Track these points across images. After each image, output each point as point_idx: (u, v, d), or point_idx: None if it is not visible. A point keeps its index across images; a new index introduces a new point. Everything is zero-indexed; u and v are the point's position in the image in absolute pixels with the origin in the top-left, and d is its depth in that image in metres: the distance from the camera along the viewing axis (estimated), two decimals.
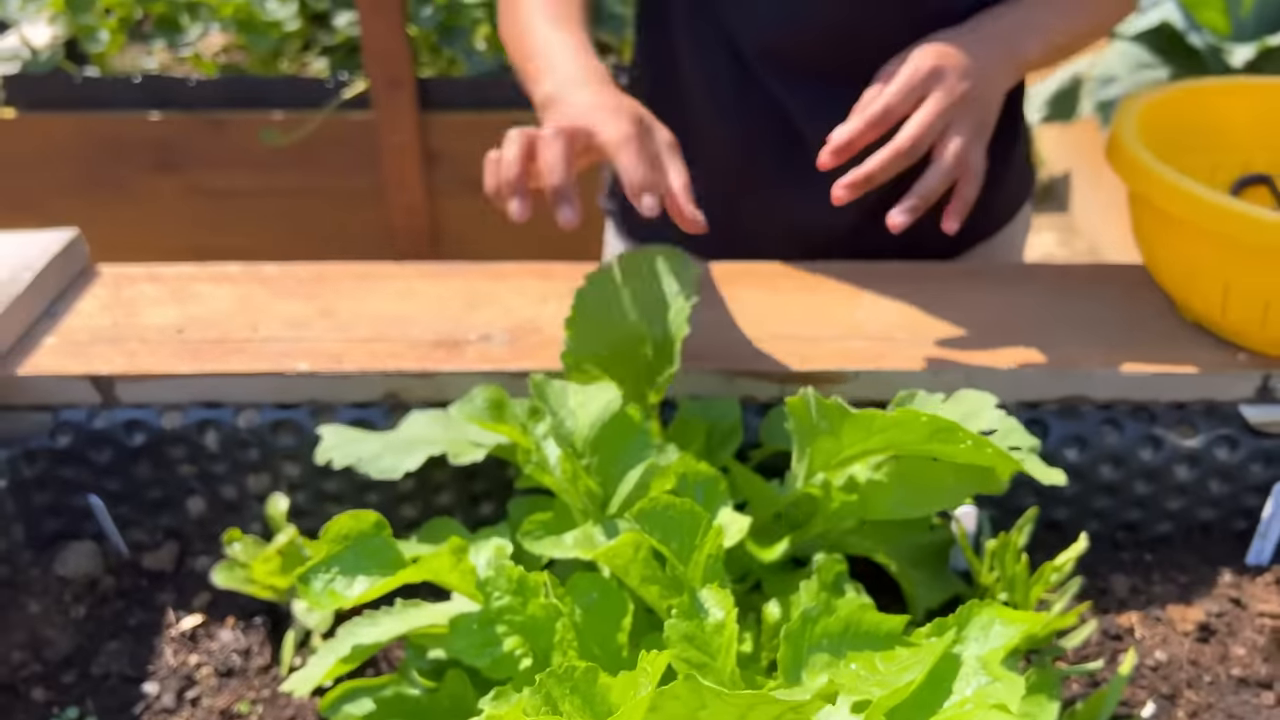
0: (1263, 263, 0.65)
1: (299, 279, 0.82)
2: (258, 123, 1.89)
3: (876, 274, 0.81)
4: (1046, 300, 0.77)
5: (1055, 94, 2.14)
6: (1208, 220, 0.65)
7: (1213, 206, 0.65)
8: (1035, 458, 0.54)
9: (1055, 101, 2.13)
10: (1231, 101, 0.83)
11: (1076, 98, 2.10)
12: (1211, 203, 0.65)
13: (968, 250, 0.93)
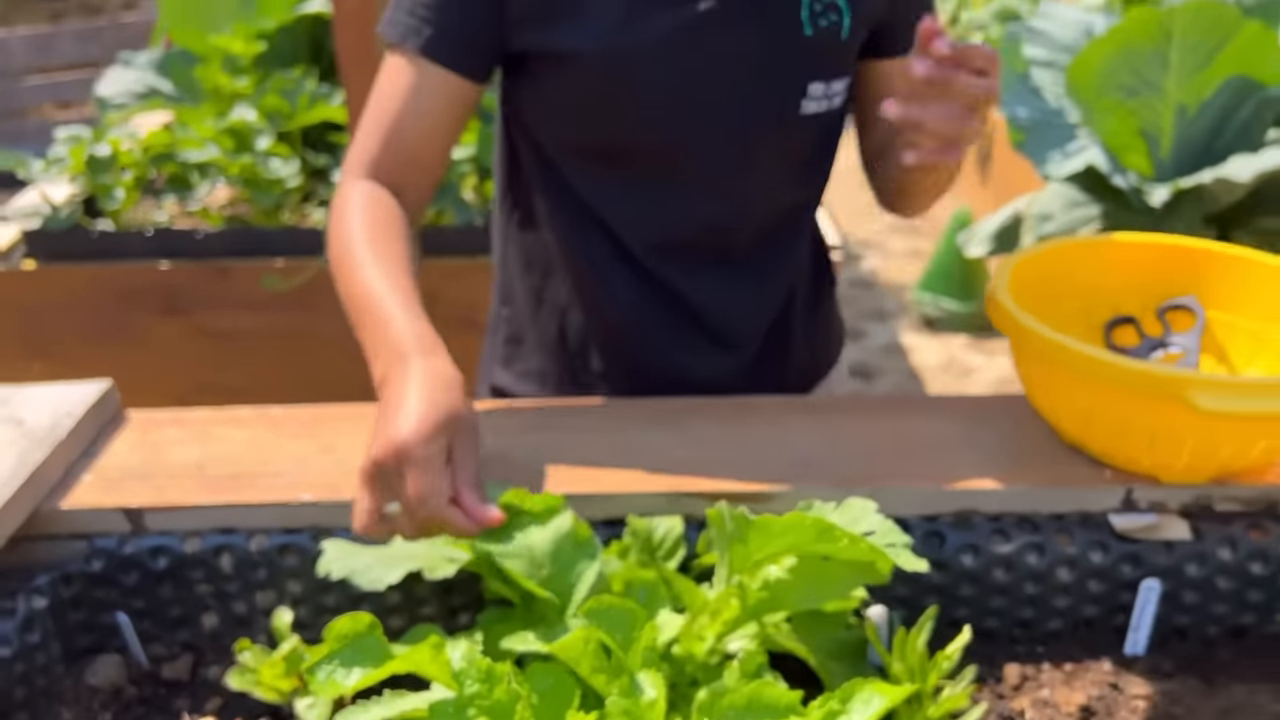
0: (1114, 395, 0.79)
1: (302, 421, 0.95)
2: (260, 269, 2.05)
3: (794, 406, 0.94)
4: (945, 427, 0.90)
5: (998, 230, 2.32)
6: (1066, 361, 0.79)
7: (1068, 350, 0.78)
8: (905, 551, 0.65)
9: (998, 237, 2.31)
10: (1100, 254, 0.98)
11: (1018, 233, 2.29)
12: (1067, 347, 0.78)
13: (811, 389, 1.11)
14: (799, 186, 1.01)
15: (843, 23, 0.91)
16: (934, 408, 0.95)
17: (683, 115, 0.91)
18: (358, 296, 0.84)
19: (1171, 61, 2.00)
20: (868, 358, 3.01)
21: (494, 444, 0.87)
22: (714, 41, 0.88)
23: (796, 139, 0.95)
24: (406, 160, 0.92)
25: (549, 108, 0.94)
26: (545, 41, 0.89)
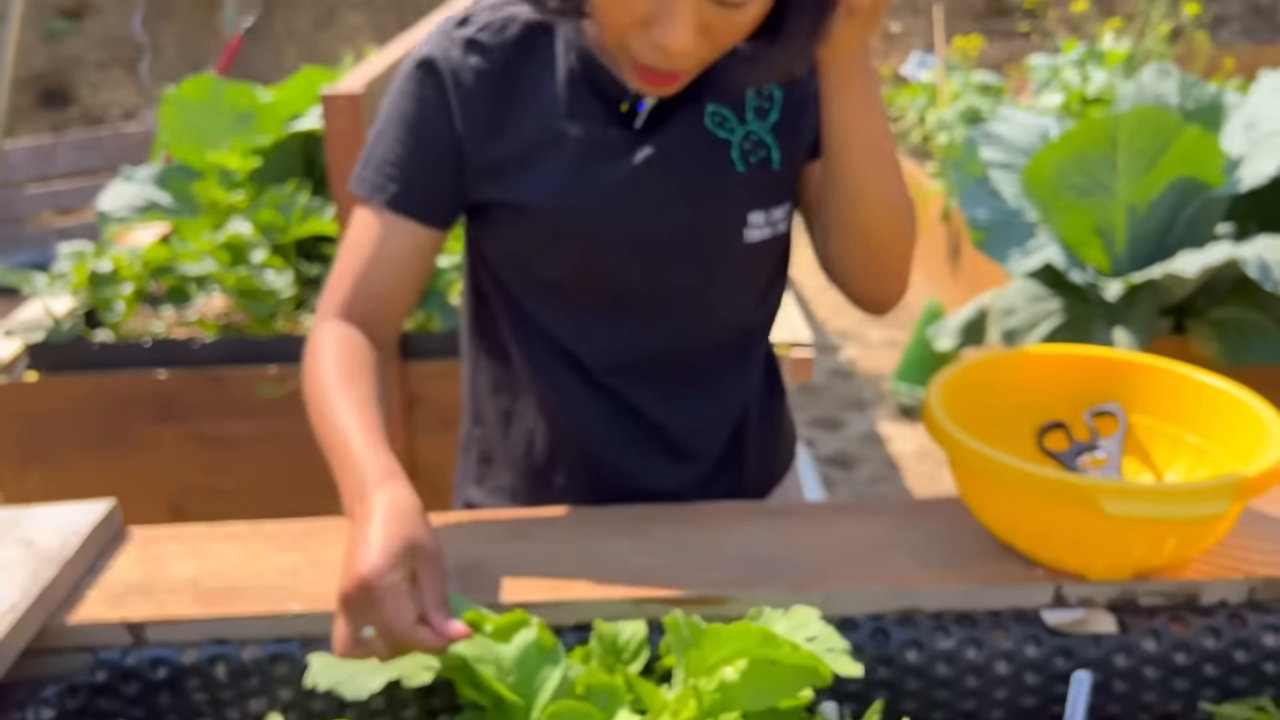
0: (1036, 501, 0.86)
1: (293, 534, 1.01)
2: (254, 376, 2.13)
3: (750, 511, 1.02)
4: (888, 529, 0.97)
5: (965, 324, 2.42)
6: (992, 471, 0.86)
7: (992, 461, 0.86)
8: (844, 657, 0.72)
9: (965, 330, 2.41)
10: (1031, 364, 1.06)
11: (984, 327, 2.38)
12: (991, 459, 0.86)
13: (768, 493, 1.18)
14: (751, 309, 1.09)
15: (772, 156, 0.99)
16: (878, 510, 1.02)
17: (630, 256, 0.99)
18: (327, 435, 0.91)
19: (1119, 165, 2.13)
20: (847, 447, 3.08)
21: (468, 554, 0.94)
22: (654, 187, 0.97)
23: (743, 266, 1.03)
24: (377, 303, 0.99)
25: (508, 250, 1.02)
26: (501, 193, 0.97)
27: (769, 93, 1.00)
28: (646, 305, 1.03)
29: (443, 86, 0.95)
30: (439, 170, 0.97)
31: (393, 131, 0.98)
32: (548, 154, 0.96)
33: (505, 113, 0.97)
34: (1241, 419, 0.93)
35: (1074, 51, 3.04)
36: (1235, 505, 0.82)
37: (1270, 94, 2.22)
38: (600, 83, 0.97)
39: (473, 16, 0.97)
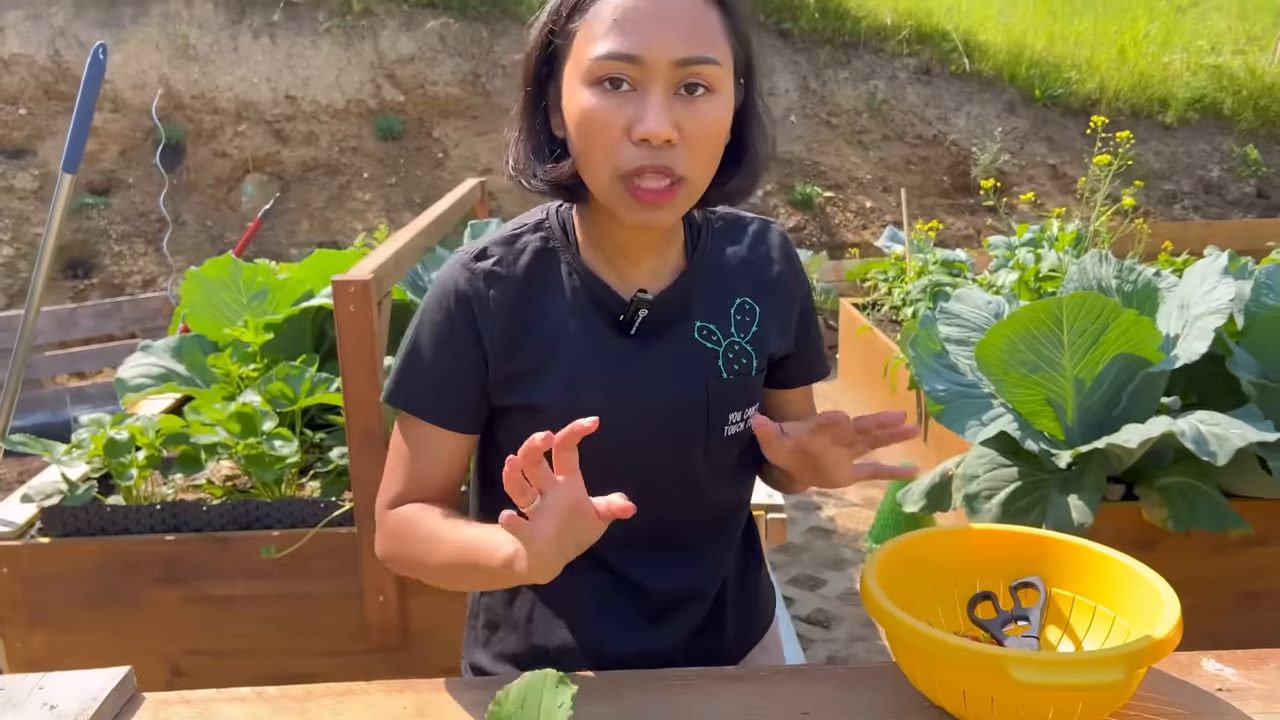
0: (954, 668, 0.98)
1: (293, 697, 1.12)
2: (258, 539, 2.24)
3: (720, 676, 1.13)
4: (836, 693, 1.08)
5: (930, 488, 2.55)
6: (917, 641, 0.98)
7: (916, 633, 0.98)
8: None
9: (931, 494, 2.54)
10: (962, 541, 1.19)
11: (948, 492, 2.51)
12: (916, 630, 0.98)
13: (747, 653, 1.30)
14: (729, 489, 1.23)
15: (752, 365, 1.16)
16: (829, 676, 1.13)
17: (626, 446, 1.13)
18: (450, 553, 1.05)
19: (1065, 343, 2.31)
20: (826, 605, 3.16)
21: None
22: (648, 390, 1.13)
23: (722, 455, 1.18)
24: (423, 497, 1.13)
25: (517, 440, 1.16)
26: (518, 398, 1.12)
27: (751, 308, 1.18)
28: (638, 489, 1.16)
29: (469, 314, 1.09)
30: (468, 386, 1.11)
31: (426, 353, 1.11)
32: (557, 361, 1.11)
33: (520, 331, 1.11)
34: (1144, 592, 1.06)
35: (1026, 234, 3.30)
36: (1133, 673, 0.94)
37: (1199, 280, 2.43)
38: (600, 297, 1.13)
39: (488, 250, 1.12)
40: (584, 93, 0.99)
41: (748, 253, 1.20)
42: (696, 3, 0.99)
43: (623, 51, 0.96)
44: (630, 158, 0.98)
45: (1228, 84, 7.79)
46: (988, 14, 8.17)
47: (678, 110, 0.98)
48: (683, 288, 1.14)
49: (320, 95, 6.38)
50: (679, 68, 0.97)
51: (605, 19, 0.97)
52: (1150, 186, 7.10)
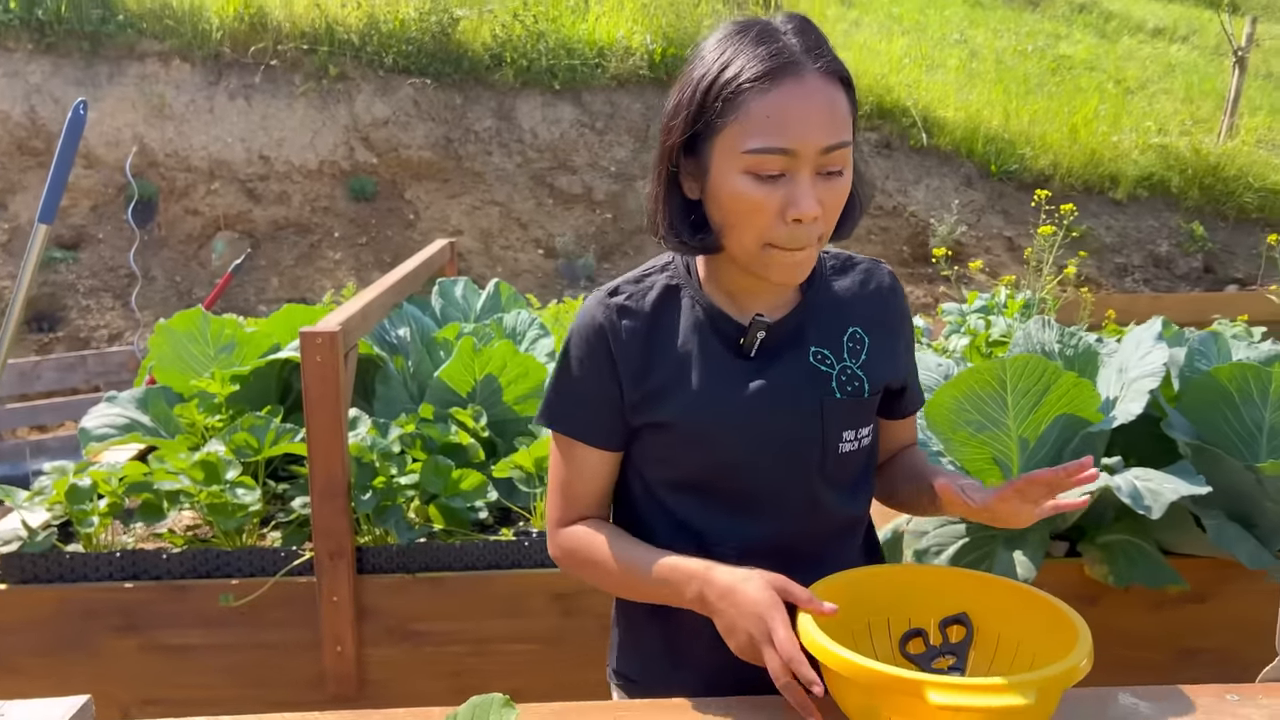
0: (880, 694, 1.03)
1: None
2: (217, 588, 2.26)
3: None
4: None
5: (883, 543, 2.61)
6: (846, 670, 1.04)
7: (844, 662, 1.04)
8: None
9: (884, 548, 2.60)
10: (897, 578, 1.26)
11: (898, 548, 2.58)
12: (844, 659, 1.04)
13: None
14: (846, 504, 1.31)
15: (864, 388, 1.27)
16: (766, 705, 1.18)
17: (746, 461, 1.24)
18: (636, 573, 1.23)
19: (1009, 403, 2.40)
20: None
21: None
22: (765, 408, 1.23)
23: (839, 471, 1.28)
24: (583, 509, 1.30)
25: (653, 456, 1.28)
26: (649, 417, 1.24)
27: (861, 337, 1.29)
28: (759, 501, 1.26)
29: (605, 345, 1.23)
30: (608, 407, 1.25)
31: (571, 380, 1.26)
32: (683, 383, 1.23)
33: (651, 357, 1.24)
34: (1062, 628, 1.13)
35: (977, 301, 3.42)
36: (1044, 698, 1.00)
37: (1135, 345, 2.54)
38: (720, 324, 1.25)
39: (620, 288, 1.27)
40: (739, 179, 1.12)
41: (859, 288, 1.32)
42: (831, 91, 1.12)
43: (779, 146, 1.09)
44: (781, 235, 1.13)
45: (1175, 163, 8.10)
46: (946, 92, 8.47)
47: (820, 190, 1.12)
48: (798, 318, 1.27)
49: (294, 156, 6.48)
50: (823, 154, 1.11)
51: (758, 116, 1.10)
52: (1103, 260, 7.34)
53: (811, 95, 1.10)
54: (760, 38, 1.13)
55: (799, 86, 1.09)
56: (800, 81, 1.10)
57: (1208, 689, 1.22)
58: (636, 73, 7.30)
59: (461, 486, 2.46)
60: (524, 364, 2.85)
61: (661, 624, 1.32)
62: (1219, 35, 9.42)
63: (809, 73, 1.11)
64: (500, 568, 2.36)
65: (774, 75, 1.10)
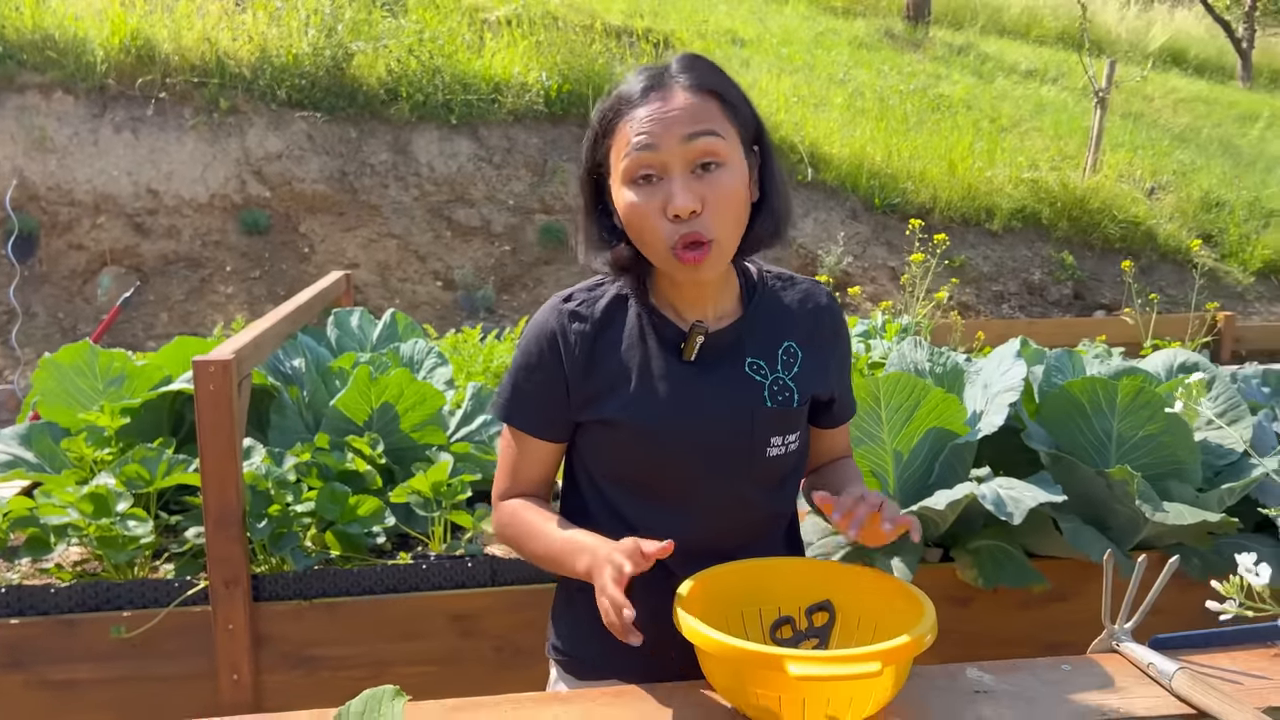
0: (745, 670, 1.13)
1: None
2: (108, 620, 2.24)
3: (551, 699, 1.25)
4: (654, 710, 1.22)
5: None
6: (716, 650, 1.13)
7: (713, 641, 1.13)
8: None
9: None
10: (764, 572, 1.36)
11: None
12: (713, 639, 1.13)
13: None
14: (772, 502, 1.42)
15: (793, 398, 1.37)
16: (651, 694, 1.26)
17: (682, 461, 1.33)
18: (545, 545, 1.34)
19: (884, 418, 2.55)
20: None
21: None
22: (702, 410, 1.33)
23: (765, 473, 1.38)
24: (524, 488, 1.43)
25: (597, 451, 1.38)
26: (594, 414, 1.34)
27: (795, 352, 1.40)
28: (690, 497, 1.35)
29: (555, 347, 1.34)
30: (553, 403, 1.36)
31: (521, 378, 1.37)
32: (625, 385, 1.33)
33: (596, 359, 1.34)
34: (912, 608, 1.24)
35: (859, 326, 3.60)
36: (890, 667, 1.11)
37: (999, 363, 2.73)
38: (663, 332, 1.35)
39: (574, 295, 1.39)
40: (626, 191, 1.25)
41: (797, 305, 1.43)
42: (694, 97, 1.23)
43: (641, 145, 1.21)
44: (670, 232, 1.23)
45: (1045, 196, 8.57)
46: (832, 129, 8.80)
47: (698, 187, 1.22)
48: (737, 329, 1.37)
49: (184, 189, 6.37)
50: (687, 143, 1.21)
51: (630, 130, 1.23)
52: (981, 288, 7.71)
53: (673, 101, 1.22)
54: (644, 71, 1.27)
55: (664, 101, 1.22)
56: (665, 94, 1.23)
57: (1045, 661, 1.36)
58: (533, 108, 7.40)
59: (359, 512, 2.49)
60: (421, 392, 2.89)
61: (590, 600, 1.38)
62: (1085, 77, 10.04)
63: (676, 87, 1.23)
64: (398, 591, 2.40)
65: (644, 92, 1.23)
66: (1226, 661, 1.35)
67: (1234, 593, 0.99)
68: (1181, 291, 7.83)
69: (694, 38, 10.26)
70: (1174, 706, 1.23)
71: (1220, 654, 1.38)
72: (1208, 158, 10.74)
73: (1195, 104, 13.07)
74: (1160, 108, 12.71)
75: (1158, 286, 7.96)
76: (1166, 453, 2.59)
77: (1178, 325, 4.76)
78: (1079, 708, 1.23)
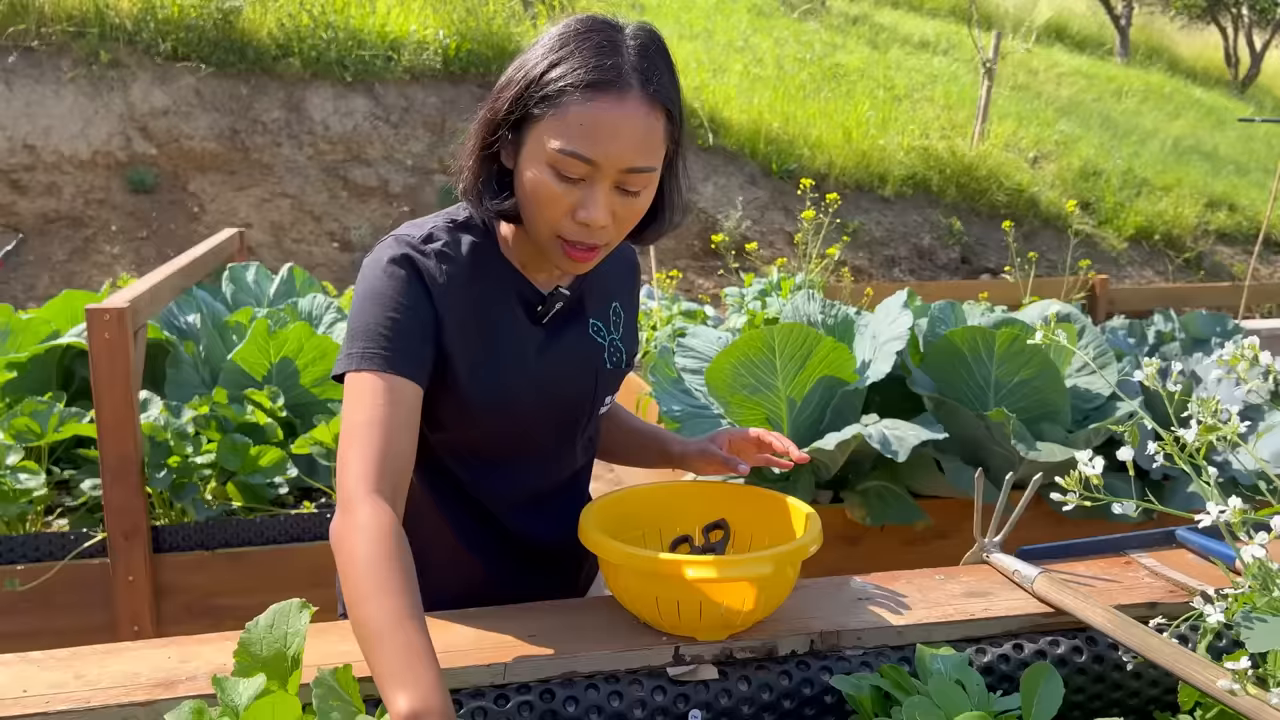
0: (647, 579, 1.20)
1: (58, 658, 1.19)
2: (3, 574, 2.19)
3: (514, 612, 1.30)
4: (564, 620, 1.28)
5: None
6: (621, 560, 1.20)
7: (618, 551, 1.20)
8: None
9: None
10: (662, 495, 1.43)
11: None
12: (618, 549, 1.20)
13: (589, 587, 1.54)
14: (587, 453, 1.47)
15: (623, 359, 1.42)
16: (562, 609, 1.33)
17: (530, 417, 1.33)
18: (366, 617, 0.98)
19: (778, 367, 2.65)
20: None
21: None
22: (553, 375, 1.34)
23: (593, 427, 1.44)
24: (399, 473, 1.13)
25: (439, 417, 1.28)
26: (452, 365, 1.25)
27: (619, 311, 1.43)
28: (528, 454, 1.37)
29: (420, 278, 1.21)
30: (424, 338, 1.20)
31: (378, 311, 1.18)
32: (486, 342, 1.28)
33: (465, 311, 1.25)
34: (800, 522, 1.33)
35: (755, 285, 3.71)
36: (780, 570, 1.20)
37: (885, 314, 2.86)
38: (525, 293, 1.32)
39: (433, 235, 1.26)
40: (543, 170, 1.16)
41: (614, 265, 1.44)
42: (647, 116, 1.15)
43: (583, 154, 1.13)
44: (569, 230, 1.19)
45: (935, 164, 8.87)
46: (730, 95, 8.92)
47: (615, 202, 1.19)
48: (578, 291, 1.37)
49: (64, 145, 6.11)
50: (624, 174, 1.17)
51: (573, 121, 1.13)
52: (873, 252, 7.95)
53: (628, 116, 1.13)
54: (600, 48, 1.14)
55: (618, 104, 1.13)
56: (621, 100, 1.13)
57: (922, 572, 1.47)
58: (431, 67, 7.30)
59: (260, 463, 2.49)
60: (321, 346, 2.88)
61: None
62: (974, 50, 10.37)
63: (632, 94, 1.14)
64: (302, 540, 2.41)
65: (598, 87, 1.12)
66: (1082, 569, 1.49)
67: (1074, 485, 1.10)
68: (1061, 256, 8.21)
69: (594, 0, 10.23)
70: (1035, 607, 1.35)
71: (1077, 563, 1.51)
72: (1087, 129, 11.24)
73: (1077, 77, 13.63)
74: (1044, 80, 13.22)
75: (1040, 251, 8.34)
76: (1040, 397, 2.76)
77: (1054, 286, 5.01)
78: (950, 609, 1.34)
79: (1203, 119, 13.14)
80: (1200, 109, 13.72)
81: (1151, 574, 1.47)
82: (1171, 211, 9.46)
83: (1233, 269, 9.06)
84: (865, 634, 1.29)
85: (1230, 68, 17.31)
